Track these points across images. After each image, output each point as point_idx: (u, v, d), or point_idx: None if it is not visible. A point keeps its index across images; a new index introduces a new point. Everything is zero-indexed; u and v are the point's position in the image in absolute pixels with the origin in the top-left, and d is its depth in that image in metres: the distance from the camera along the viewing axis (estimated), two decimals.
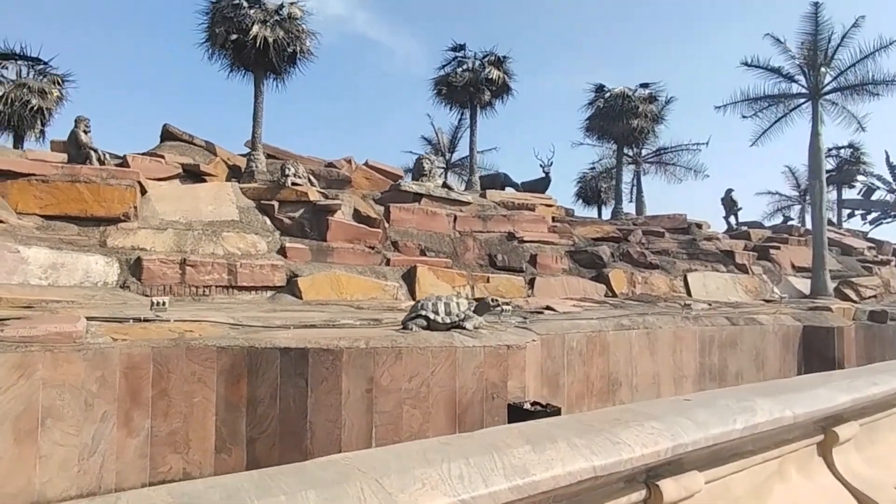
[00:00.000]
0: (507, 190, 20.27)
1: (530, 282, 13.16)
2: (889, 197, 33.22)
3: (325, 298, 9.99)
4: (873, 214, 33.26)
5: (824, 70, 17.23)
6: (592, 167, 31.09)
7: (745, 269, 16.77)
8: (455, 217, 14.38)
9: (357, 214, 12.85)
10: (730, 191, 24.20)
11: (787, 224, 26.77)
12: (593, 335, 7.26)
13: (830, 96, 17.70)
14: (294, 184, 12.35)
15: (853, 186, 31.36)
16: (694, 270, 15.85)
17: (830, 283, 16.14)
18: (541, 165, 22.31)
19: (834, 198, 29.56)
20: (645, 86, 23.36)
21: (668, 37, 75.90)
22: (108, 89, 61.38)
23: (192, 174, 13.04)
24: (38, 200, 9.47)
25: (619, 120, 22.35)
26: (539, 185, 21.60)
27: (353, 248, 11.84)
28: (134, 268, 8.96)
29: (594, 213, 30.10)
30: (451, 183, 16.94)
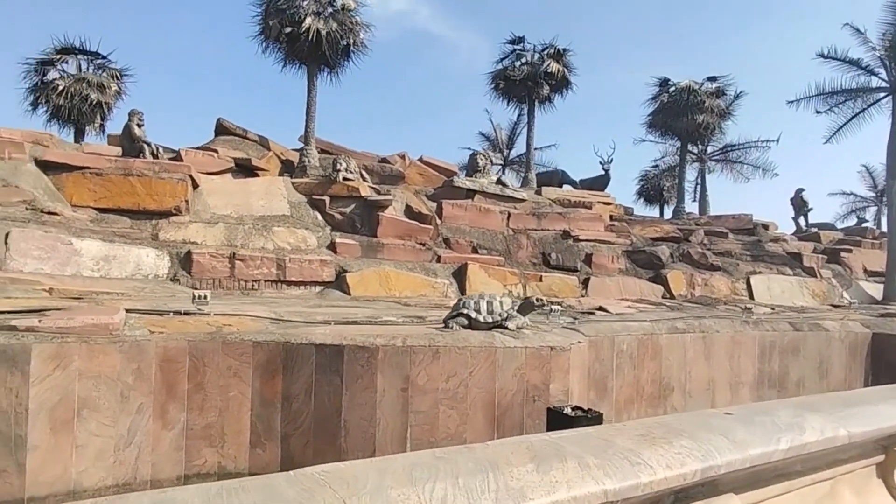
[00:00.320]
0: (565, 187, 19.72)
1: (584, 281, 12.82)
2: None
3: (374, 294, 9.88)
4: None
5: None
6: (655, 165, 30.13)
7: (812, 273, 16.04)
8: (509, 214, 14.09)
9: (409, 210, 12.74)
10: (800, 191, 23.13)
11: (860, 226, 25.02)
12: (645, 338, 6.97)
13: None
14: (346, 179, 12.33)
15: None
16: (758, 273, 15.21)
17: None
18: (600, 163, 21.48)
19: None
20: (713, 79, 22.43)
21: (737, 28, 72.39)
22: (166, 84, 63.34)
23: (245, 169, 13.17)
24: (92, 193, 9.70)
25: (684, 115, 21.57)
26: (598, 182, 20.92)
27: (403, 244, 11.72)
28: (184, 261, 9.06)
29: (656, 212, 29.23)
30: (506, 180, 16.59)
